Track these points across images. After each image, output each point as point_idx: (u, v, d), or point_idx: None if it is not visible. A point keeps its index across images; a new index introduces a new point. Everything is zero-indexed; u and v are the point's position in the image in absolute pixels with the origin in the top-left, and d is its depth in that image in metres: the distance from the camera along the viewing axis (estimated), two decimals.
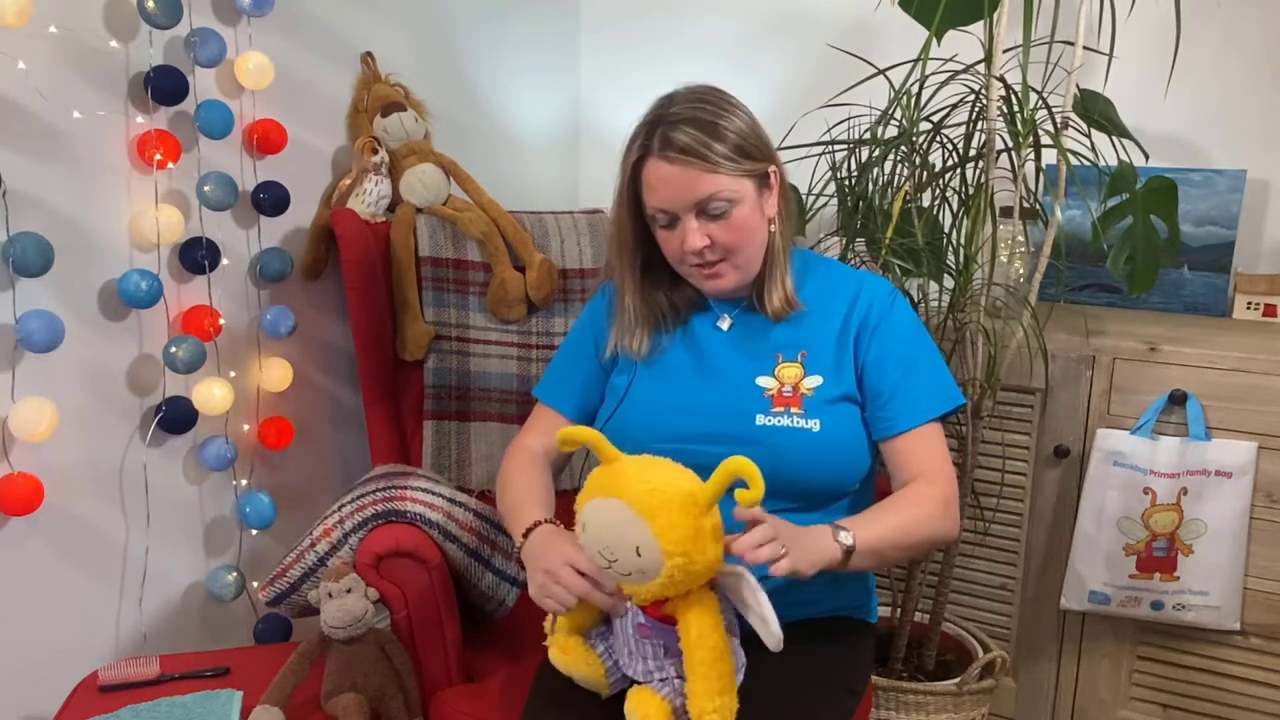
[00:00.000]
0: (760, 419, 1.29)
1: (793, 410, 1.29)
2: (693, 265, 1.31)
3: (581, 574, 1.14)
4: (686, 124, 1.24)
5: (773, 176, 1.31)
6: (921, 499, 1.27)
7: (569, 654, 1.20)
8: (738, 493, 1.05)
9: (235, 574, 1.89)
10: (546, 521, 1.27)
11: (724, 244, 1.28)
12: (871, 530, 1.21)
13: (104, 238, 1.66)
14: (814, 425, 1.28)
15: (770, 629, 1.07)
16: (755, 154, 1.27)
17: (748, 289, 1.36)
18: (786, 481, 1.26)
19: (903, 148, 1.77)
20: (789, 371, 1.32)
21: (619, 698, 1.19)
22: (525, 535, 1.26)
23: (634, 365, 1.39)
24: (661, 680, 1.17)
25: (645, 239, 1.35)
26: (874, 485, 1.39)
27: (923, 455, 1.30)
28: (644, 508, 1.06)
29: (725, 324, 1.38)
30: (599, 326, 1.45)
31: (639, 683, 1.18)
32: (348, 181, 1.95)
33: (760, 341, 1.35)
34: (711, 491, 1.06)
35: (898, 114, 1.76)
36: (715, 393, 1.33)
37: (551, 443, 1.37)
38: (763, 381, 1.32)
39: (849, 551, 1.17)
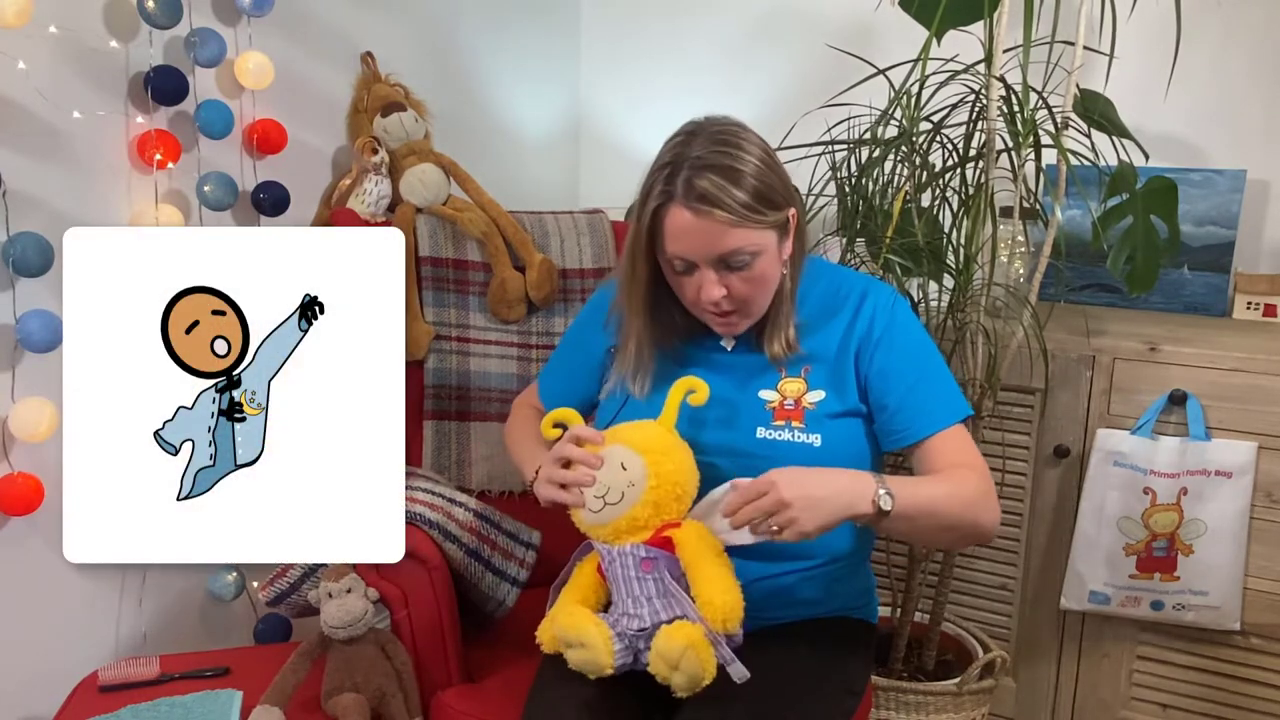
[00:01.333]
0: (761, 432, 1.29)
1: (794, 424, 1.28)
2: (707, 312, 1.29)
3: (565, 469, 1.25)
4: (709, 170, 1.19)
5: (791, 220, 1.27)
6: (960, 478, 1.24)
7: (574, 615, 1.21)
8: (690, 398, 1.26)
9: (235, 574, 1.88)
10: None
11: (741, 295, 1.25)
12: (910, 491, 1.18)
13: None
14: (815, 440, 1.28)
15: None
16: (777, 200, 1.22)
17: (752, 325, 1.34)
18: None
19: (903, 148, 1.77)
20: (792, 386, 1.31)
21: (619, 682, 1.20)
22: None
23: None
24: (668, 622, 1.18)
25: (659, 280, 1.31)
26: None
27: (952, 454, 1.27)
28: (615, 436, 1.25)
29: (729, 344, 1.37)
30: (598, 330, 1.45)
31: (641, 658, 1.19)
32: (348, 181, 1.95)
33: (763, 356, 1.33)
34: (668, 412, 1.26)
35: (898, 114, 1.76)
36: (716, 403, 1.32)
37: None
38: (765, 395, 1.31)
39: (883, 514, 1.14)
